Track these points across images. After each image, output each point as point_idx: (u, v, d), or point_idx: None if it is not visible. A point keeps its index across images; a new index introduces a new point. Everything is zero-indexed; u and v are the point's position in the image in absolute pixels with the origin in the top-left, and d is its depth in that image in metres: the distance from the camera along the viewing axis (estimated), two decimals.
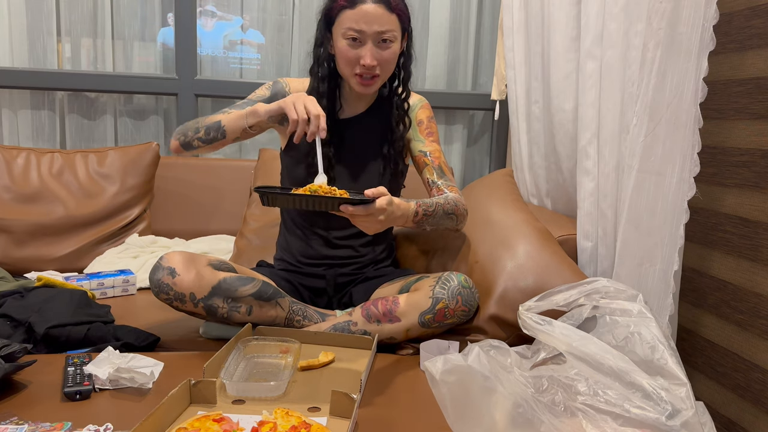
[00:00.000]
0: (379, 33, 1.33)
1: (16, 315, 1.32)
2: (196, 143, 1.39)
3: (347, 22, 1.32)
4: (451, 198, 1.40)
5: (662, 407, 0.88)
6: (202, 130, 1.37)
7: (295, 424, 0.95)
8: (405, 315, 1.31)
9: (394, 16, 1.34)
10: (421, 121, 1.51)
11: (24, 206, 1.89)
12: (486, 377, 0.94)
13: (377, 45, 1.34)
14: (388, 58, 1.37)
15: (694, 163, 1.19)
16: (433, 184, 1.46)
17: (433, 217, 1.35)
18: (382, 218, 1.15)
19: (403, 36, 1.41)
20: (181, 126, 1.43)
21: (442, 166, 1.48)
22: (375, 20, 1.32)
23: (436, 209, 1.35)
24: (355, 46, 1.34)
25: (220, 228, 2.11)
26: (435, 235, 1.64)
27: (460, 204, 1.42)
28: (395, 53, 1.38)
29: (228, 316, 1.33)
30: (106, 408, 1.04)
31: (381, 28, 1.32)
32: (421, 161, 1.49)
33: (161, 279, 1.29)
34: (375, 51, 1.34)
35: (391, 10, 1.33)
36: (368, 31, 1.32)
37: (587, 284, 1.17)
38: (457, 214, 1.41)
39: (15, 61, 2.19)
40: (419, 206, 1.31)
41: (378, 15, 1.32)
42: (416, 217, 1.31)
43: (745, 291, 1.26)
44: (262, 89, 1.50)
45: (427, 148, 1.49)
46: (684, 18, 1.15)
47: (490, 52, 2.48)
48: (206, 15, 2.32)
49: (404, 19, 1.38)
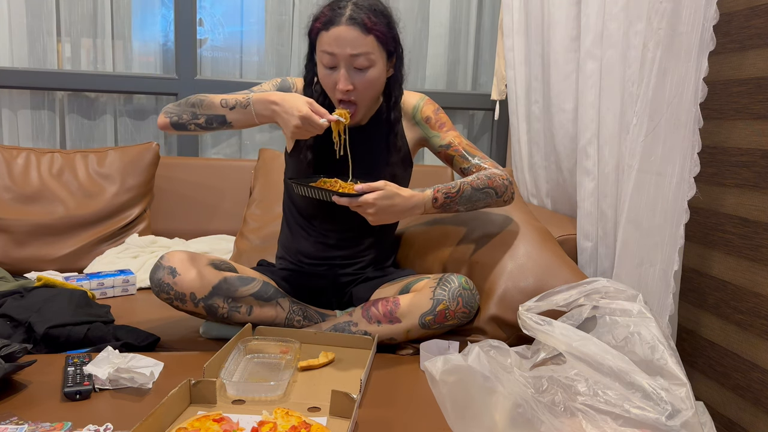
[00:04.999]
0: (352, 56, 1.27)
1: (16, 315, 1.32)
2: (192, 127, 1.35)
3: (323, 45, 1.28)
4: (484, 174, 1.37)
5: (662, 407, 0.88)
6: (202, 117, 1.34)
7: (295, 424, 0.95)
8: (405, 316, 1.31)
9: (370, 38, 1.27)
10: (428, 117, 1.48)
11: (24, 206, 1.89)
12: (486, 377, 0.94)
13: (352, 69, 1.29)
14: (365, 84, 1.30)
15: (694, 163, 1.19)
16: (467, 170, 1.44)
17: (461, 197, 1.33)
18: (371, 211, 1.22)
19: (390, 58, 1.35)
20: (173, 104, 1.38)
21: (467, 149, 1.45)
22: (347, 43, 1.26)
23: (461, 189, 1.33)
24: (332, 71, 1.30)
25: (220, 228, 2.11)
26: (436, 235, 1.64)
27: (495, 176, 1.37)
28: (374, 78, 1.31)
29: (228, 316, 1.33)
30: (106, 408, 1.04)
31: (354, 51, 1.26)
32: (446, 155, 1.47)
33: (162, 278, 1.29)
34: (350, 75, 1.29)
35: (366, 31, 1.26)
36: (341, 54, 1.27)
37: (587, 284, 1.17)
38: (495, 187, 1.36)
39: (15, 61, 2.19)
40: (437, 191, 1.30)
41: (350, 37, 1.26)
42: (436, 203, 1.30)
43: (745, 291, 1.26)
44: (268, 85, 1.47)
45: (446, 139, 1.46)
46: (684, 18, 1.15)
47: (490, 52, 2.48)
48: (206, 15, 2.32)
49: (385, 41, 1.30)
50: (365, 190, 1.21)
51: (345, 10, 1.27)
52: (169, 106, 1.39)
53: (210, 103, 1.34)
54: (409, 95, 1.49)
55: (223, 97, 1.34)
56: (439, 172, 2.10)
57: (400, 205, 1.25)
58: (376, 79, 1.32)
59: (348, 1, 1.29)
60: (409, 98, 1.49)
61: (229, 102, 1.33)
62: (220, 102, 1.34)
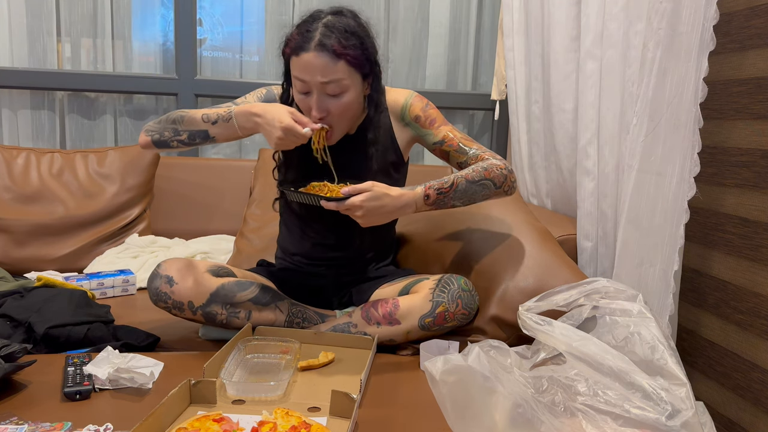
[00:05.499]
0: (323, 84, 1.23)
1: (16, 315, 1.32)
2: (174, 144, 1.34)
3: (294, 70, 1.25)
4: (480, 165, 1.34)
5: (662, 407, 0.88)
6: (184, 134, 1.33)
7: (295, 424, 0.95)
8: (405, 318, 1.31)
9: (341, 63, 1.22)
10: (417, 116, 1.43)
11: (24, 206, 1.89)
12: (486, 377, 0.94)
13: (324, 95, 1.26)
14: (340, 109, 1.27)
15: (694, 163, 1.19)
16: (465, 164, 1.41)
17: (455, 192, 1.30)
18: (359, 213, 1.21)
19: (366, 78, 1.31)
20: (153, 122, 1.37)
21: (462, 142, 1.41)
22: (317, 70, 1.22)
23: (455, 183, 1.30)
24: (306, 96, 1.28)
25: (220, 228, 2.11)
26: (435, 235, 1.64)
27: (492, 167, 1.34)
28: (348, 102, 1.28)
29: (227, 322, 1.32)
30: (106, 408, 1.04)
31: (324, 78, 1.23)
32: (441, 151, 1.43)
33: (159, 287, 1.29)
34: (323, 101, 1.26)
35: (336, 57, 1.21)
36: (311, 81, 1.24)
37: (587, 284, 1.17)
38: (492, 178, 1.33)
39: (15, 61, 2.19)
40: (428, 188, 1.28)
41: (319, 65, 1.21)
42: (428, 200, 1.28)
43: (745, 291, 1.26)
44: (252, 96, 1.44)
45: (439, 135, 1.42)
46: (684, 18, 1.15)
47: (490, 52, 2.48)
48: (206, 15, 2.32)
49: (358, 64, 1.26)
50: (351, 192, 1.20)
51: (315, 34, 1.22)
52: (149, 125, 1.38)
53: (191, 118, 1.33)
54: (396, 94, 1.44)
55: (205, 111, 1.33)
56: (439, 172, 2.09)
57: (389, 206, 1.23)
58: (350, 104, 1.29)
59: (319, 22, 1.24)
60: (398, 98, 1.44)
61: (210, 116, 1.31)
62: (201, 117, 1.32)
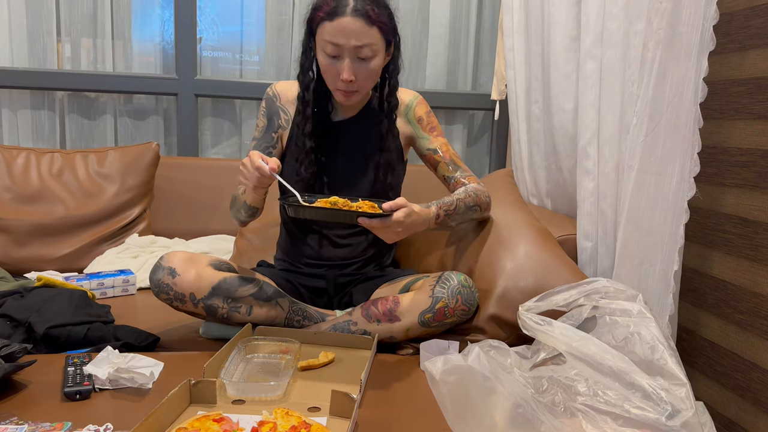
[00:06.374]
0: (357, 47, 1.29)
1: (16, 315, 1.32)
2: (247, 221, 1.46)
3: (326, 35, 1.30)
4: (471, 189, 1.42)
5: (662, 407, 0.88)
6: (245, 214, 1.42)
7: (295, 424, 0.95)
8: (405, 314, 1.31)
9: (374, 29, 1.29)
10: (420, 118, 1.50)
11: (24, 206, 1.89)
12: (486, 377, 0.94)
13: (356, 59, 1.31)
14: (367, 73, 1.34)
15: (694, 163, 1.19)
16: (451, 179, 1.47)
17: (456, 214, 1.36)
18: (400, 230, 1.19)
19: (389, 46, 1.38)
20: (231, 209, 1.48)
21: (454, 158, 1.49)
22: (353, 34, 1.28)
23: (457, 206, 1.36)
24: (335, 60, 1.32)
25: (220, 228, 2.11)
26: (435, 235, 1.64)
27: (480, 193, 1.43)
28: (376, 67, 1.34)
29: (228, 316, 1.33)
30: (106, 408, 1.04)
31: (359, 42, 1.28)
32: (432, 159, 1.50)
33: (161, 279, 1.29)
34: (354, 65, 1.31)
35: (371, 23, 1.28)
36: (346, 45, 1.29)
37: (587, 284, 1.17)
38: (480, 204, 1.43)
39: (15, 61, 2.19)
40: (439, 208, 1.32)
41: (356, 29, 1.27)
42: (437, 220, 1.32)
43: (745, 291, 1.26)
44: (260, 117, 1.51)
45: (435, 144, 1.49)
46: (684, 18, 1.15)
47: (490, 52, 2.48)
48: (206, 15, 2.32)
49: (387, 31, 1.33)
50: (393, 208, 1.17)
51: (349, 0, 1.28)
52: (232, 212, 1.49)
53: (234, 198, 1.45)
54: (402, 92, 1.50)
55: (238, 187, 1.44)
56: None
57: (416, 222, 1.24)
58: (377, 69, 1.35)
59: None
60: (403, 95, 1.50)
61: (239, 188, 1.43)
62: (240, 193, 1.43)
